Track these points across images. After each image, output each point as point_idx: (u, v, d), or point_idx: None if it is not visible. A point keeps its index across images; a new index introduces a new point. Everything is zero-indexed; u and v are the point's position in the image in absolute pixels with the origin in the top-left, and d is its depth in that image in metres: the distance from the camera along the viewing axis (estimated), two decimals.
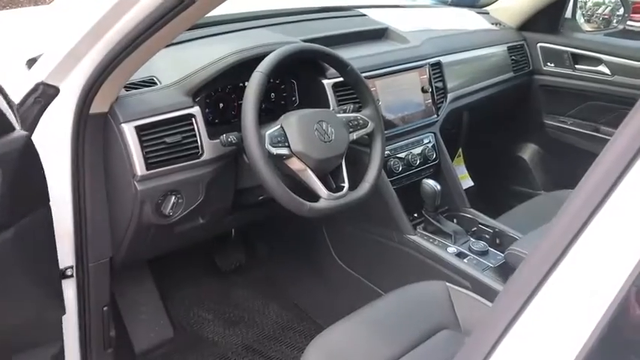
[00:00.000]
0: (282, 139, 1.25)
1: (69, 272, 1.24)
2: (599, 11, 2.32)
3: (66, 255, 1.22)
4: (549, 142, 2.38)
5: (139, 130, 1.20)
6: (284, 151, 1.24)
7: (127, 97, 1.23)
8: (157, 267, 1.85)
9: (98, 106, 1.13)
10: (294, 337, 1.89)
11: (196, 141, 1.28)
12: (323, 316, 1.92)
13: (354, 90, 1.46)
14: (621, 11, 2.28)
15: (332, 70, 1.52)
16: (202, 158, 1.29)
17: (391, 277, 1.66)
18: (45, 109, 1.12)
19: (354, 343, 1.18)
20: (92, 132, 1.15)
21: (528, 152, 2.47)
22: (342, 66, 1.40)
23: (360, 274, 1.79)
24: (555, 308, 0.49)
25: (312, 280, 2.02)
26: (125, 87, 1.24)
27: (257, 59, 1.29)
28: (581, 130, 2.24)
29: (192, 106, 1.28)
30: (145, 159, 1.20)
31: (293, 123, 1.27)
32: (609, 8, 2.31)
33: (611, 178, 0.47)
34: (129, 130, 1.18)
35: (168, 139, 1.23)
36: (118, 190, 1.23)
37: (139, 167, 1.20)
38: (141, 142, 1.20)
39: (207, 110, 1.39)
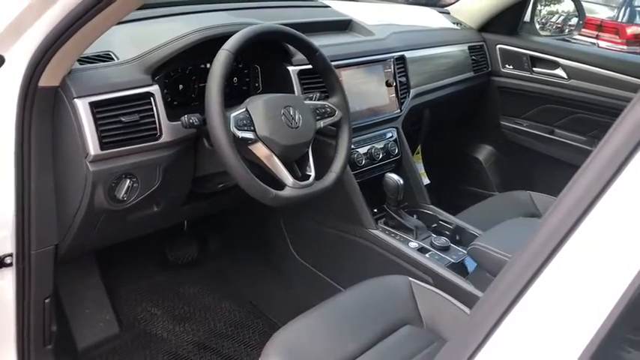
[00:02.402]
0: (248, 123, 1.19)
1: (8, 260, 1.14)
2: (553, 20, 2.38)
3: (5, 240, 1.12)
4: (505, 144, 2.41)
5: (94, 106, 1.12)
6: (249, 135, 1.19)
7: (81, 72, 1.14)
8: (105, 258, 1.75)
9: (48, 78, 1.05)
10: (247, 334, 1.82)
11: (154, 122, 1.21)
12: (278, 313, 1.86)
13: (321, 77, 1.41)
14: (574, 21, 2.34)
15: (298, 57, 1.47)
16: (160, 140, 1.22)
17: (351, 272, 1.62)
18: None
19: (315, 338, 1.13)
20: (41, 106, 1.06)
21: (484, 153, 2.49)
22: (310, 51, 1.35)
23: (319, 270, 1.74)
24: (538, 314, 0.48)
25: (267, 276, 1.96)
26: (79, 60, 1.16)
27: (221, 39, 1.23)
28: (536, 132, 2.27)
29: (151, 85, 1.21)
30: (100, 138, 1.12)
31: (259, 106, 1.21)
32: (562, 18, 2.37)
33: (599, 184, 0.45)
34: (83, 106, 1.10)
35: (124, 118, 1.15)
36: (67, 170, 1.15)
37: (93, 147, 1.11)
38: (95, 119, 1.11)
39: (165, 91, 1.31)
